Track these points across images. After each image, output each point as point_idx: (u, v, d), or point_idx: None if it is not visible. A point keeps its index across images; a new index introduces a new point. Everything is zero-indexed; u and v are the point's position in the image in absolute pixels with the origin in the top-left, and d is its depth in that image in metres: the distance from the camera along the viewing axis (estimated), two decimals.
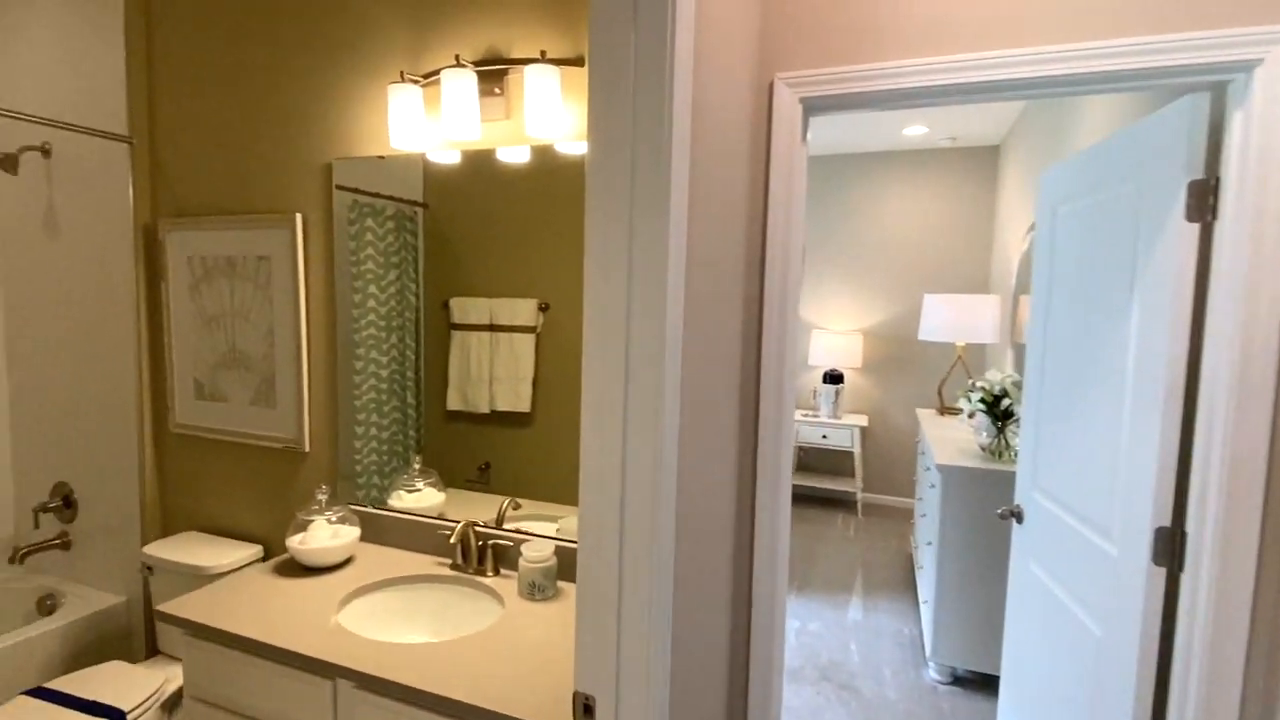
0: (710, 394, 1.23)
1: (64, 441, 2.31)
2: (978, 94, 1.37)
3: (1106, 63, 1.22)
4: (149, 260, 2.14)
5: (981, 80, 1.32)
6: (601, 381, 0.92)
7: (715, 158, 1.15)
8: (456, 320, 1.71)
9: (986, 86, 1.34)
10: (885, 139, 4.57)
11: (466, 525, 1.67)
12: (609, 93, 0.88)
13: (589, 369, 0.93)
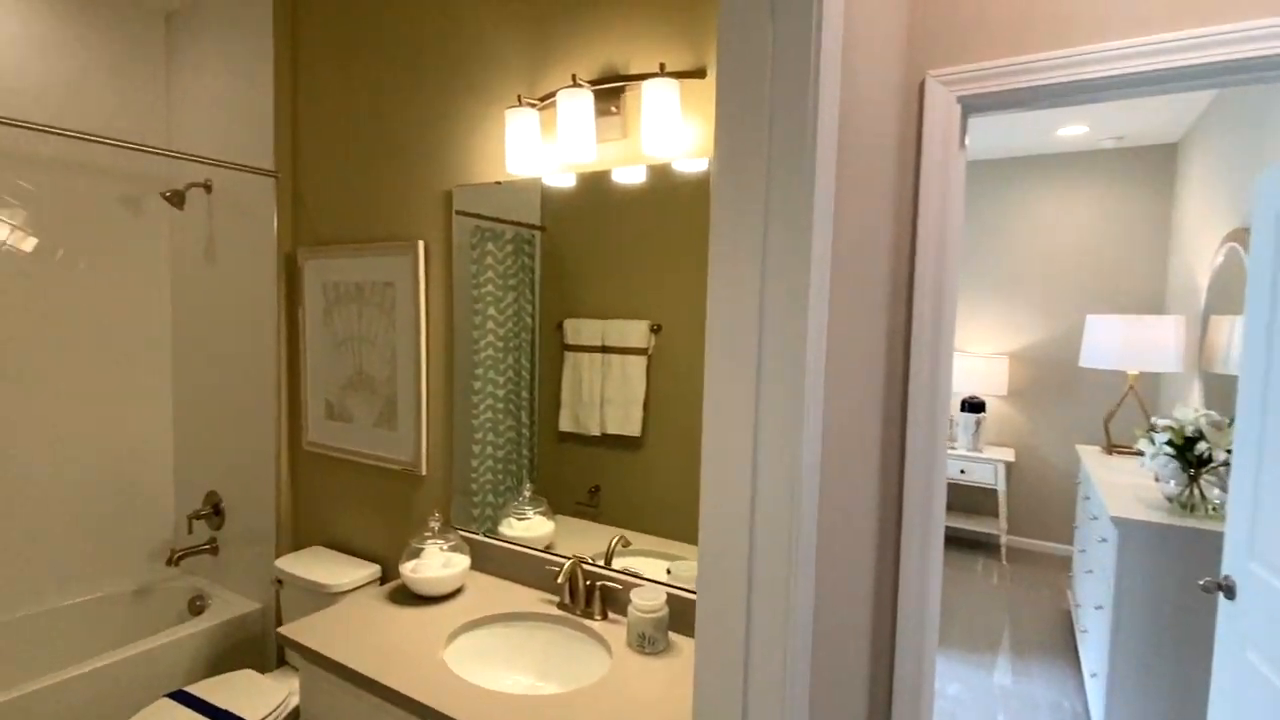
0: (850, 428, 1.06)
1: (215, 453, 2.50)
2: (1183, 81, 1.12)
3: None
4: (289, 286, 2.27)
5: (1189, 64, 1.08)
6: (726, 416, 0.79)
7: (857, 169, 0.99)
8: (569, 341, 1.68)
9: (1195, 72, 1.09)
10: (1035, 141, 4.12)
11: (574, 563, 1.58)
12: (741, 102, 0.76)
13: (712, 400, 0.80)
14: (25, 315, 2.25)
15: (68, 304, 2.34)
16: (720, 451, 0.80)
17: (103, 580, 2.47)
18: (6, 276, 2.20)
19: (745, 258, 0.77)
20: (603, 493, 1.66)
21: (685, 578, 1.54)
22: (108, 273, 2.44)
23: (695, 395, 1.51)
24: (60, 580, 2.36)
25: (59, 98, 2.29)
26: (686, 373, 1.51)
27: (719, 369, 0.80)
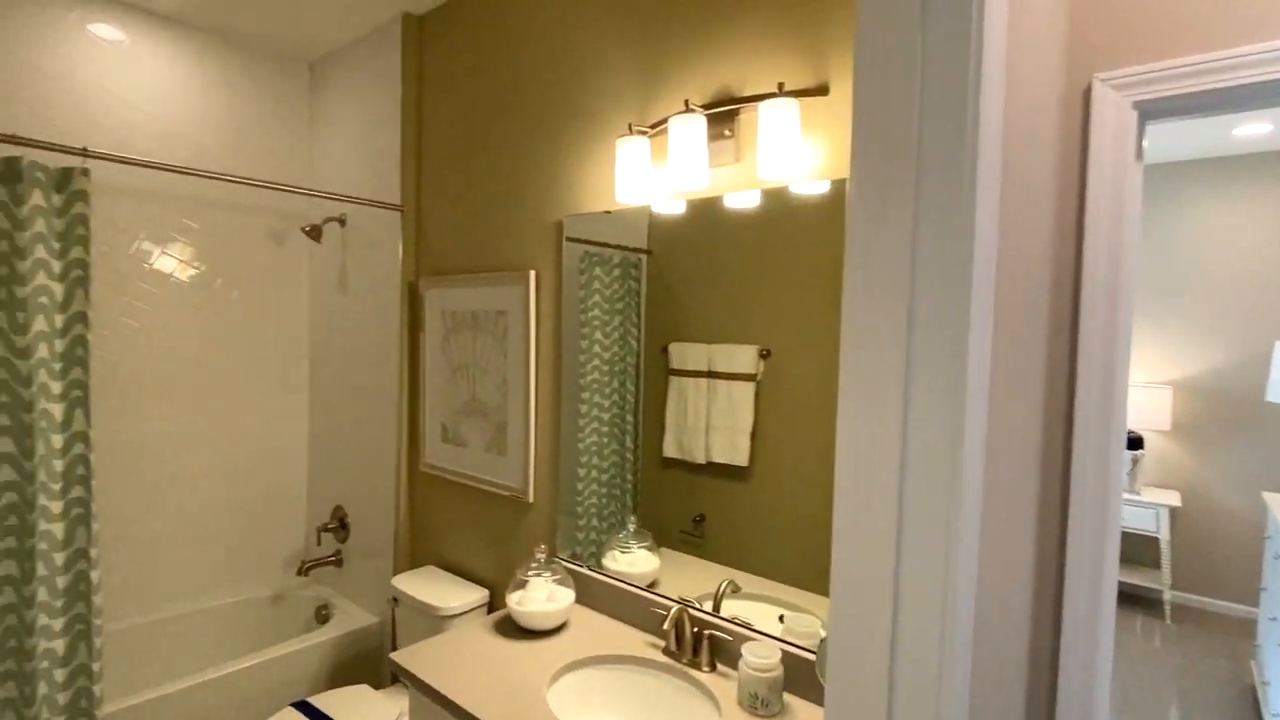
0: (1006, 480, 0.92)
1: (343, 469, 2.65)
2: None
3: None
4: (412, 313, 2.38)
5: None
6: (864, 482, 0.70)
7: (1017, 190, 0.86)
8: (675, 366, 1.64)
9: None
10: (1208, 142, 3.63)
11: (681, 609, 1.51)
12: (883, 118, 0.67)
13: (848, 460, 0.71)
14: (190, 338, 2.49)
15: (224, 328, 2.58)
16: (856, 524, 0.71)
17: (244, 585, 2.67)
18: (175, 302, 2.45)
19: (887, 297, 0.68)
20: (708, 523, 1.60)
21: (802, 634, 1.42)
22: (257, 301, 2.66)
23: (808, 426, 1.41)
24: (208, 582, 2.58)
25: (219, 145, 2.54)
26: (798, 401, 1.42)
27: (856, 426, 0.71)
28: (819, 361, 1.39)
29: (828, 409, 1.38)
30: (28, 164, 1.64)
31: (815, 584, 1.42)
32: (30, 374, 1.64)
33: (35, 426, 1.65)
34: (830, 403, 1.38)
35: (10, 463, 1.64)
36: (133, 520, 2.37)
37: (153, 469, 2.42)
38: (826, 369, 1.38)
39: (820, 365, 1.39)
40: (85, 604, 1.75)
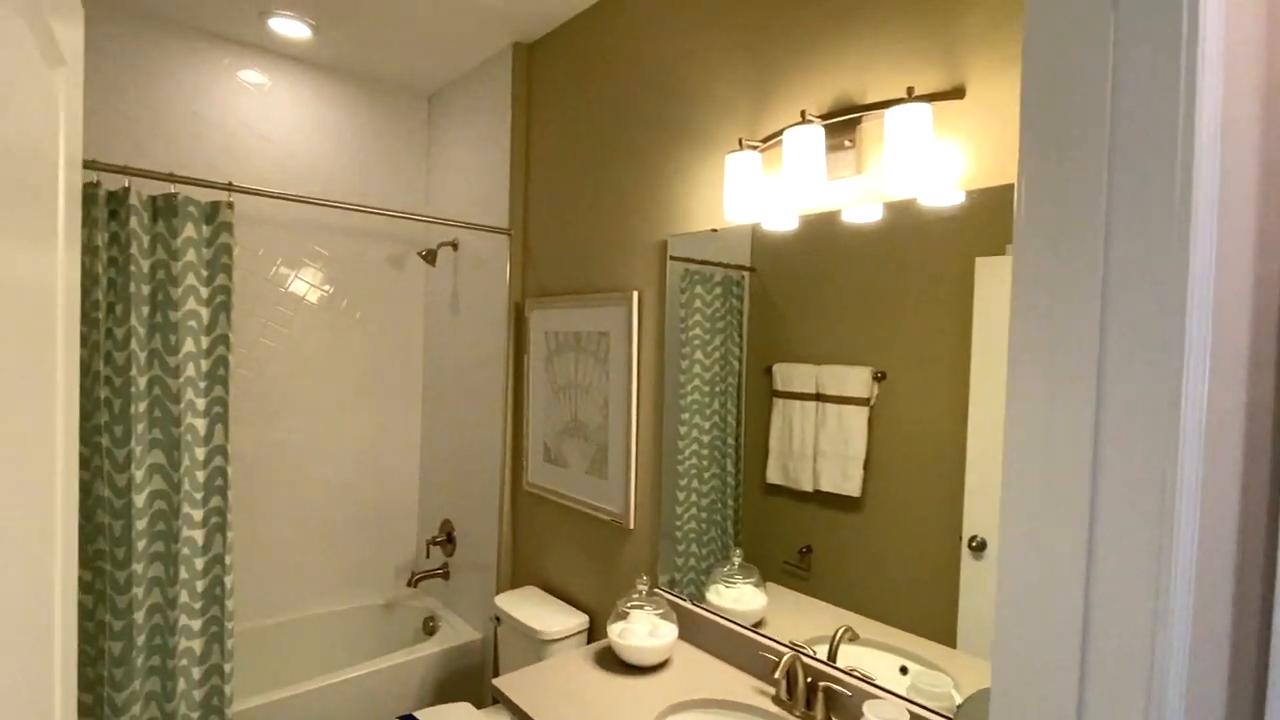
0: (1228, 548, 0.76)
1: (451, 484, 2.72)
2: None
3: None
4: (517, 334, 2.41)
5: None
6: (1041, 526, 0.58)
7: (1229, 202, 0.71)
8: (779, 387, 1.55)
9: None
10: None
11: (794, 656, 1.39)
12: (1062, 120, 0.57)
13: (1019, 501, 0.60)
14: (317, 356, 2.66)
15: (347, 348, 2.73)
16: (1028, 593, 0.59)
17: (359, 592, 2.80)
18: (306, 323, 2.62)
19: (1071, 323, 0.57)
20: (814, 555, 1.49)
21: (931, 694, 1.27)
22: (377, 322, 2.81)
23: (928, 456, 1.28)
24: (326, 588, 2.71)
25: (346, 176, 2.71)
26: (918, 429, 1.29)
27: (1028, 485, 0.59)
28: (941, 386, 1.26)
29: (951, 439, 1.25)
30: (181, 199, 1.79)
31: (939, 633, 1.27)
32: (179, 391, 1.78)
33: (182, 440, 1.79)
34: (954, 432, 1.24)
35: (160, 473, 1.79)
36: (262, 526, 2.54)
37: (281, 479, 2.58)
38: (950, 395, 1.25)
39: (943, 390, 1.26)
40: (220, 607, 1.87)
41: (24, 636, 0.58)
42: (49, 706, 0.66)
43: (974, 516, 1.20)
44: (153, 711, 1.79)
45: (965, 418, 1.21)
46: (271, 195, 1.92)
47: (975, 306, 1.21)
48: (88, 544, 1.70)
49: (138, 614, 1.72)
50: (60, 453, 0.68)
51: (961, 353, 1.23)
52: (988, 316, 1.20)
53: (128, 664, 1.70)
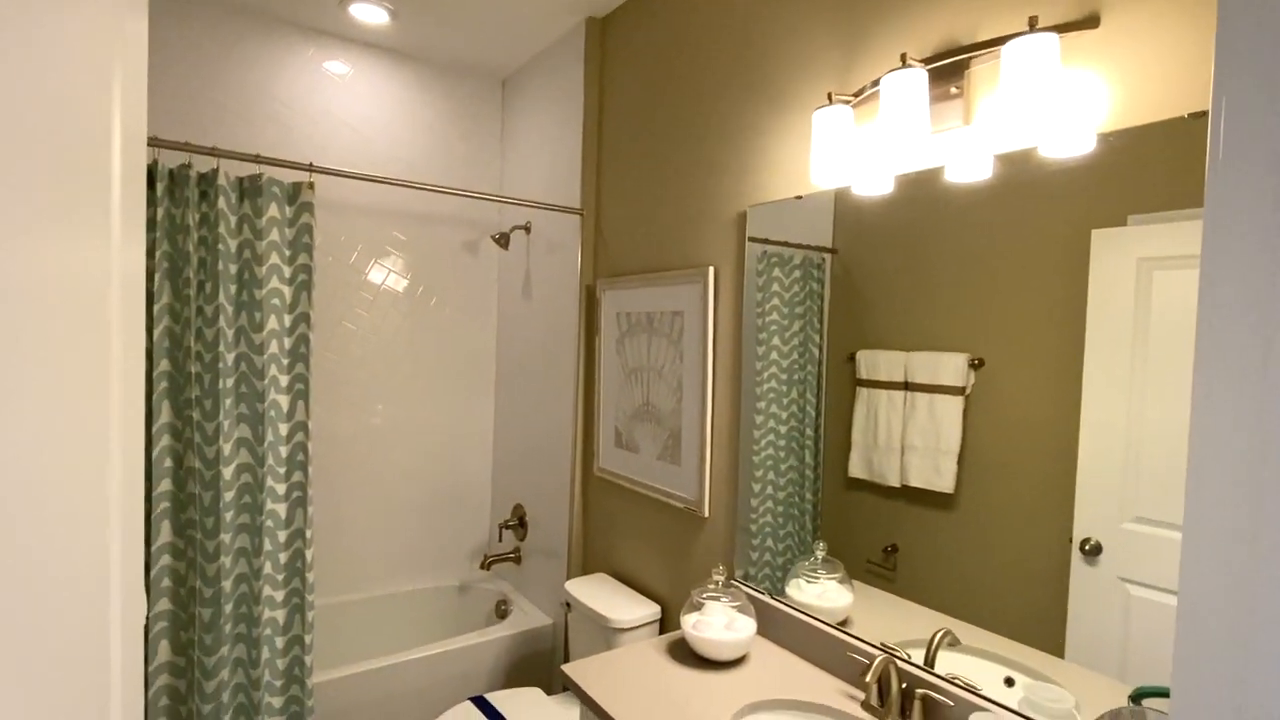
0: None
1: (523, 468, 2.71)
2: None
3: None
4: (588, 317, 2.36)
5: None
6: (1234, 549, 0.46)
7: None
8: (863, 376, 1.43)
9: None
10: None
11: (887, 659, 1.27)
12: None
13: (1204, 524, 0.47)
14: (396, 341, 2.70)
15: (424, 332, 2.77)
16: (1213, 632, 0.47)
17: (434, 573, 2.83)
18: (385, 308, 2.67)
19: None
20: (901, 554, 1.37)
21: (1048, 709, 1.11)
22: (452, 306, 2.83)
23: (1033, 451, 1.14)
24: (402, 568, 2.76)
25: (423, 161, 2.74)
26: (1020, 421, 1.15)
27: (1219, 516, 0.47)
28: (1048, 376, 1.12)
29: (1060, 434, 1.10)
30: (266, 180, 1.83)
31: (1044, 642, 1.13)
32: (264, 368, 1.83)
33: (265, 415, 1.83)
34: (1064, 426, 1.10)
35: (246, 447, 1.84)
36: (342, 507, 2.60)
37: (360, 462, 2.64)
38: (1058, 386, 1.11)
39: (1049, 380, 1.12)
40: (301, 580, 1.91)
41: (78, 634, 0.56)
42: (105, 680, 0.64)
43: (1087, 518, 1.07)
44: (239, 677, 1.85)
45: (1077, 412, 1.08)
46: (350, 175, 1.94)
47: (1090, 287, 1.07)
48: (180, 512, 1.76)
49: (225, 582, 1.78)
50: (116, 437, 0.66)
51: (1073, 339, 1.09)
52: (1105, 298, 1.05)
53: (216, 630, 1.76)
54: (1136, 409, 1.00)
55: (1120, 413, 1.02)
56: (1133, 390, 1.01)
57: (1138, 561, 1.00)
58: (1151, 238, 1.00)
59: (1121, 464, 1.02)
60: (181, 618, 1.78)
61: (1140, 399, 1.00)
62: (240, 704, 1.85)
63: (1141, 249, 1.01)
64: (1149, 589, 0.99)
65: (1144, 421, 1.00)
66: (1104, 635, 1.05)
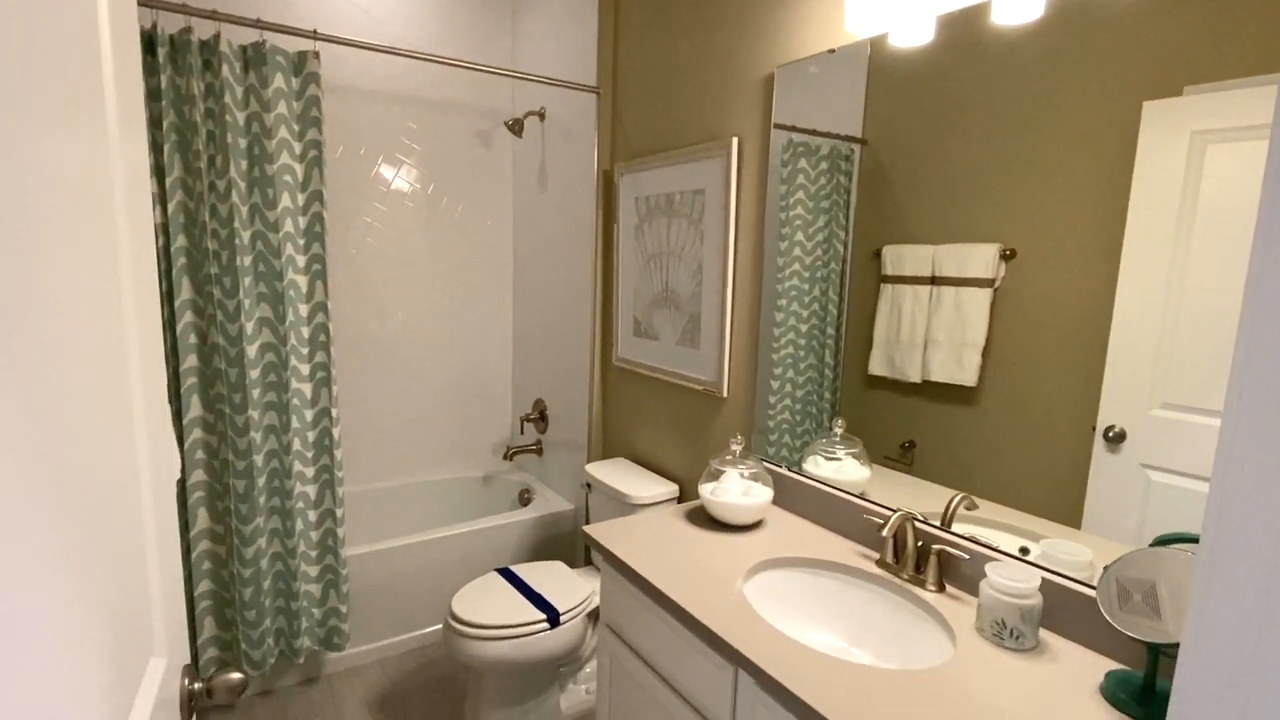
0: None
1: (543, 363, 2.72)
2: None
3: None
4: (606, 203, 2.30)
5: None
6: None
7: None
8: (889, 272, 1.40)
9: None
10: None
11: (904, 517, 1.28)
12: None
13: None
14: (414, 245, 2.67)
15: (442, 236, 2.72)
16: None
17: (458, 466, 2.91)
18: (399, 205, 2.62)
19: None
20: (918, 450, 1.37)
21: (1065, 562, 1.12)
22: (468, 204, 2.77)
23: (1061, 342, 1.12)
24: (427, 460, 2.84)
25: (432, 42, 2.61)
26: (1049, 312, 1.13)
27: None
28: (1083, 264, 1.08)
29: (1090, 324, 1.08)
30: (270, 48, 1.75)
31: (1062, 516, 1.14)
32: (279, 246, 1.81)
33: (285, 295, 1.83)
34: (1096, 316, 1.07)
35: (269, 326, 1.85)
36: (367, 406, 2.65)
37: (383, 363, 2.67)
38: (1093, 274, 1.07)
39: (1084, 269, 1.08)
40: (329, 457, 1.97)
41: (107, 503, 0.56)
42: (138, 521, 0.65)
43: (1112, 406, 1.05)
44: (276, 546, 1.94)
45: (1111, 300, 1.05)
46: (356, 44, 1.85)
47: (1137, 165, 1.00)
48: (208, 388, 1.80)
49: (256, 457, 1.83)
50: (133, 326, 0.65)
51: (1112, 223, 1.04)
52: (1152, 177, 0.99)
53: (250, 501, 1.83)
54: (1175, 294, 0.97)
55: (1157, 299, 0.99)
56: (1173, 275, 0.98)
57: (1162, 448, 1.00)
58: (1208, 109, 0.93)
59: (1154, 351, 1.00)
60: (216, 488, 1.85)
61: (1180, 284, 0.97)
62: (279, 571, 1.95)
63: (1196, 122, 0.94)
64: (1171, 474, 0.99)
65: (1182, 307, 0.97)
66: (1123, 518, 1.05)
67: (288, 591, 1.95)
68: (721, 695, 1.12)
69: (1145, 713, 0.90)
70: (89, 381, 0.51)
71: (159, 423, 0.75)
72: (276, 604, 1.96)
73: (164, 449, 0.79)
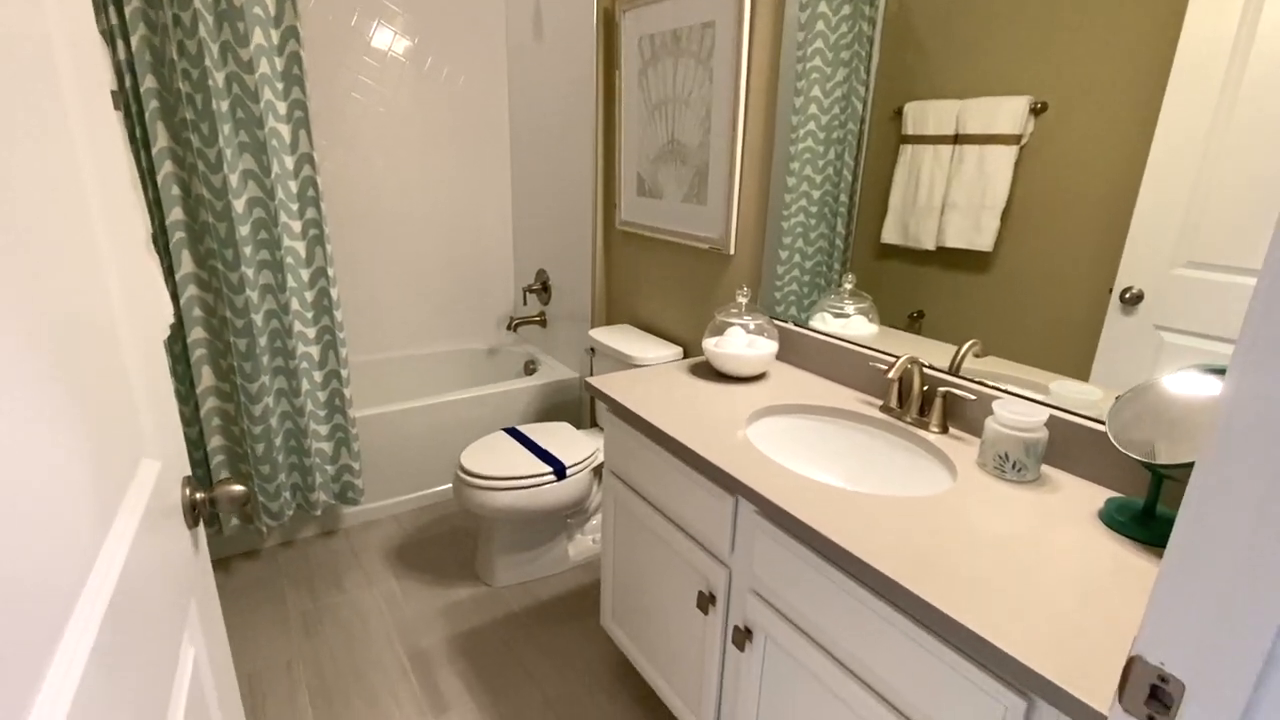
0: None
1: (544, 232, 2.64)
2: None
3: None
4: (607, 50, 2.12)
5: None
6: None
7: None
8: (910, 131, 1.31)
9: None
10: None
11: (911, 360, 1.25)
12: None
13: None
14: (405, 111, 2.49)
15: (434, 101, 2.54)
16: None
17: (463, 338, 2.90)
18: (392, 78, 2.43)
19: None
20: (927, 320, 1.33)
21: (1074, 400, 1.10)
22: (458, 65, 2.56)
23: (1085, 201, 1.05)
24: (430, 333, 2.82)
25: None
26: (1077, 169, 1.06)
27: None
28: (1118, 117, 0.99)
29: (1120, 181, 1.01)
30: None
31: (1069, 371, 1.12)
32: (257, 89, 1.69)
33: (268, 145, 1.73)
34: (1126, 172, 0.99)
35: (254, 179, 1.76)
36: (365, 274, 2.59)
37: (380, 234, 2.58)
38: (1128, 127, 0.98)
39: (1119, 122, 0.99)
40: (329, 318, 1.95)
41: None
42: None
43: (1133, 266, 1.01)
44: (284, 406, 1.96)
45: (1145, 155, 0.97)
46: None
47: (1190, 10, 0.90)
48: (197, 243, 1.75)
49: (255, 316, 1.81)
50: None
51: (1155, 73, 0.95)
52: (1204, 21, 0.89)
53: (254, 359, 1.83)
54: (1216, 146, 0.90)
55: (1195, 152, 0.92)
56: (1215, 126, 0.90)
57: (1179, 309, 0.97)
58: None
59: (1185, 207, 0.95)
60: (218, 345, 1.84)
61: (1222, 135, 0.90)
62: (289, 429, 1.99)
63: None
64: (1185, 335, 0.97)
65: (1221, 159, 0.90)
66: (1132, 380, 1.04)
67: (299, 449, 2.00)
68: (721, 525, 1.15)
69: (1144, 533, 0.90)
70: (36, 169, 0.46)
71: (124, 189, 0.70)
72: (290, 460, 2.01)
73: (134, 212, 0.74)
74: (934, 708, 0.81)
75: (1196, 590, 0.49)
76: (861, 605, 0.89)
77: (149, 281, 0.77)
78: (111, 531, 0.54)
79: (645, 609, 1.43)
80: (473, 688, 1.62)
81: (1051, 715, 0.70)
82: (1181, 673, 0.50)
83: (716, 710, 1.25)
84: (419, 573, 2.04)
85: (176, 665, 0.65)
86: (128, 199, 0.71)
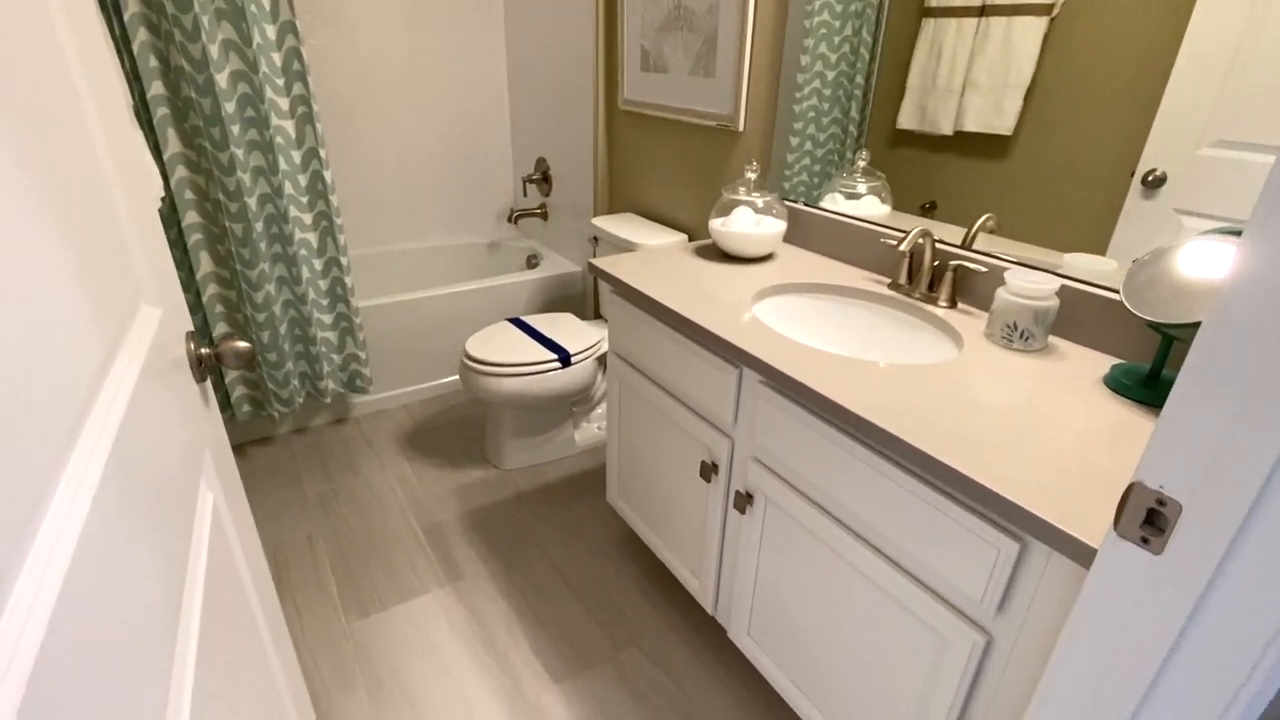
0: None
1: (544, 120, 2.52)
2: None
3: None
4: None
5: None
6: None
7: None
8: (932, 3, 1.21)
9: None
10: None
11: (923, 232, 1.22)
12: None
13: None
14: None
15: None
16: None
17: (463, 232, 2.84)
18: None
19: None
20: (939, 211, 1.28)
21: (1086, 270, 1.08)
22: None
23: (1114, 79, 0.98)
24: (431, 227, 2.76)
25: None
26: (1109, 44, 0.98)
27: None
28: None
29: (1154, 56, 0.94)
30: None
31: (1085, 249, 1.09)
32: None
33: (246, 10, 1.62)
34: (1162, 45, 0.92)
35: (235, 50, 1.66)
36: (358, 163, 2.49)
37: (374, 126, 2.46)
38: None
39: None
40: (325, 202, 1.89)
41: None
42: None
43: (1159, 146, 0.96)
44: (286, 294, 1.95)
45: (1182, 28, 0.90)
46: None
47: None
48: (182, 120, 1.67)
49: (249, 199, 1.76)
50: None
51: None
52: None
53: (251, 245, 1.80)
54: (1260, 16, 0.83)
55: (1237, 22, 0.85)
56: None
57: (1201, 192, 0.93)
58: None
59: (1221, 82, 0.88)
60: (214, 231, 1.80)
61: (1266, 6, 0.83)
62: (293, 317, 1.98)
63: None
64: (1205, 218, 0.94)
65: (1267, 26, 0.83)
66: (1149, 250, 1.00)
67: (305, 337, 2.00)
68: (725, 397, 1.16)
69: (1149, 396, 0.91)
70: None
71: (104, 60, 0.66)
72: (296, 349, 2.02)
73: (140, 172, 0.71)
74: (929, 556, 0.84)
75: (1204, 413, 0.49)
76: (860, 463, 0.90)
77: (135, 151, 0.73)
78: (114, 368, 0.54)
79: (650, 483, 1.48)
80: (485, 557, 1.70)
81: (1043, 555, 0.72)
82: (1180, 494, 0.51)
83: (718, 571, 1.31)
84: (430, 457, 2.10)
85: (195, 507, 0.67)
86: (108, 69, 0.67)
